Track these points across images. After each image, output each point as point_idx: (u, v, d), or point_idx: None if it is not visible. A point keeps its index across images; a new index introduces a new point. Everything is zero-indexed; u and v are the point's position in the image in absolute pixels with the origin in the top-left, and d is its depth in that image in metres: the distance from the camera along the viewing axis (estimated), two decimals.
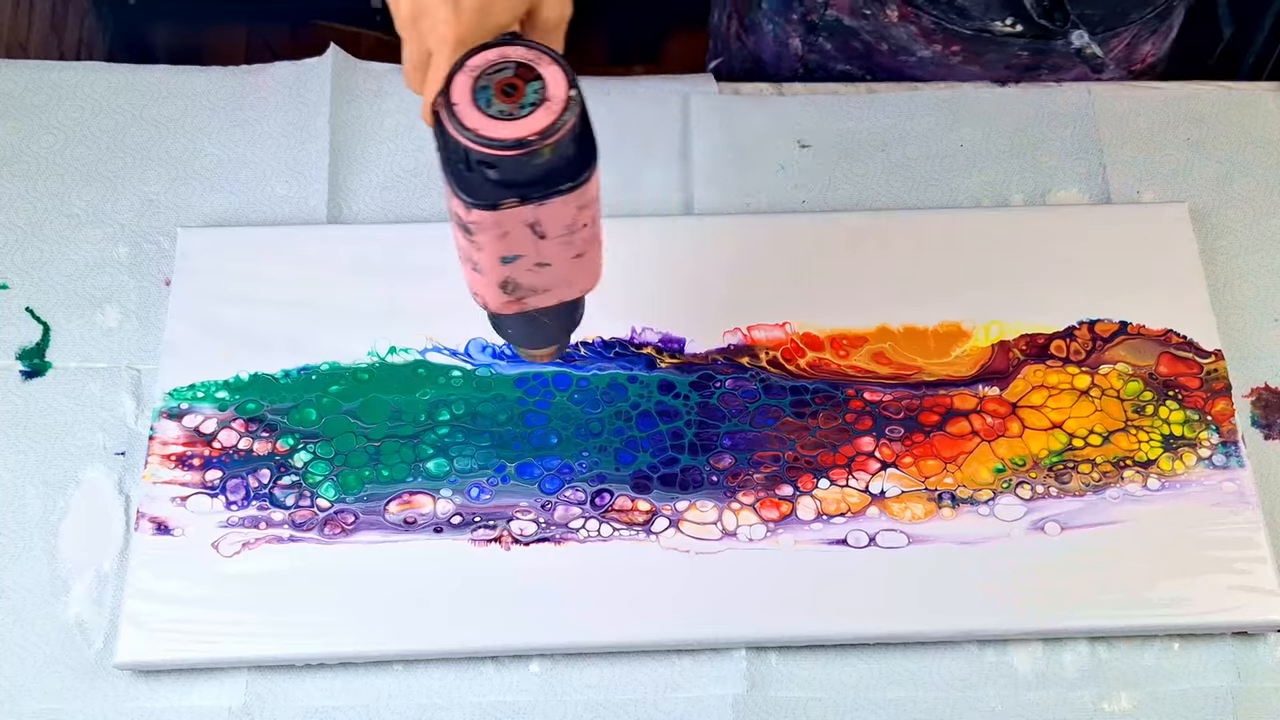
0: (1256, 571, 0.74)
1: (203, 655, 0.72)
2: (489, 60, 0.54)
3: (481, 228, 0.55)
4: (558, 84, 0.53)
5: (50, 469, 0.78)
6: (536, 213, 0.55)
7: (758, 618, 0.73)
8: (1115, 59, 0.91)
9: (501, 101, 0.53)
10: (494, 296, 0.61)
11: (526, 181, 0.54)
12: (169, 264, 0.84)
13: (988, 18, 0.86)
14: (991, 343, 0.81)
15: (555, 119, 0.53)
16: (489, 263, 0.58)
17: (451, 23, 0.55)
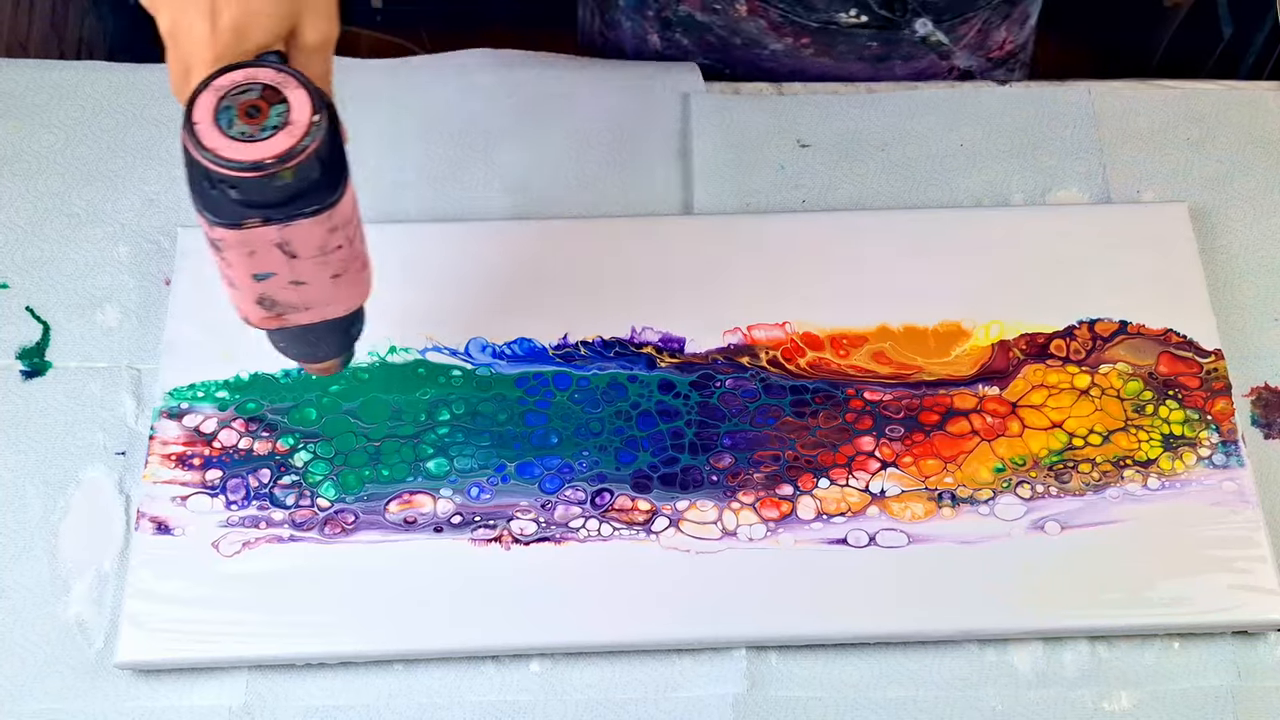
0: (1257, 571, 0.74)
1: (203, 655, 0.72)
2: (235, 81, 0.54)
3: (227, 245, 0.56)
4: (302, 108, 0.53)
5: (50, 469, 0.78)
6: (283, 233, 0.55)
7: (758, 617, 0.73)
8: (968, 46, 0.91)
9: (244, 123, 0.53)
10: (253, 312, 0.61)
11: (269, 203, 0.54)
12: (169, 263, 0.84)
13: (832, 10, 0.87)
14: (991, 342, 0.81)
15: (295, 144, 0.53)
16: (241, 279, 0.58)
17: (208, 41, 0.55)
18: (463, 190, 0.88)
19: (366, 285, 0.63)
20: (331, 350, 0.68)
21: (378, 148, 0.89)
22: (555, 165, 0.89)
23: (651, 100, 0.91)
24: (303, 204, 0.55)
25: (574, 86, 0.92)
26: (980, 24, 0.90)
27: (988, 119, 0.91)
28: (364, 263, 0.62)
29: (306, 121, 0.53)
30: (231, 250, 0.56)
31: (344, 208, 0.56)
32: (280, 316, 0.61)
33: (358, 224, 0.59)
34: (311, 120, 0.53)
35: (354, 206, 0.58)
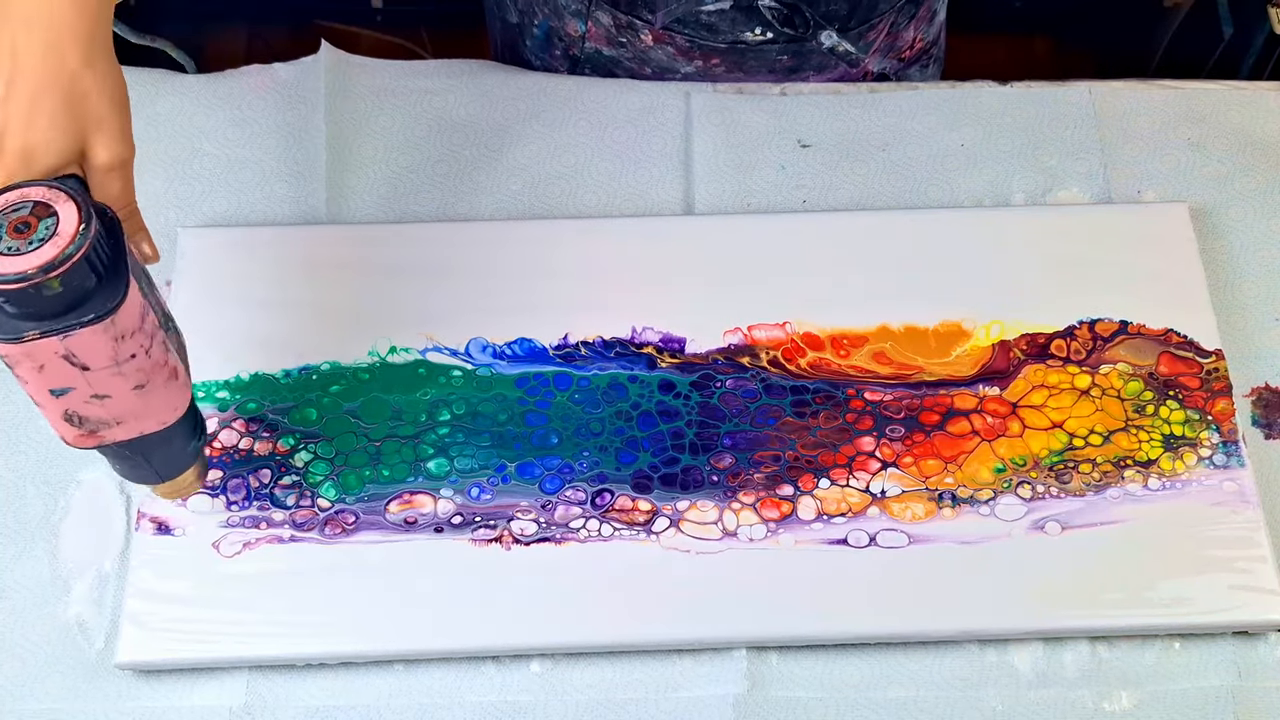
0: (1257, 571, 0.74)
1: (203, 655, 0.72)
2: (9, 200, 0.55)
3: (14, 361, 0.56)
4: (69, 220, 0.54)
5: (51, 469, 0.78)
6: (65, 344, 0.55)
7: (758, 617, 0.73)
8: (879, 50, 0.91)
9: (11, 239, 0.54)
10: (64, 429, 0.61)
11: (44, 314, 0.55)
12: (169, 265, 0.84)
13: (737, 30, 0.87)
14: (992, 342, 0.81)
15: (59, 253, 0.53)
16: (41, 396, 0.58)
17: None
18: (463, 190, 0.88)
19: (180, 396, 0.62)
20: (170, 469, 0.67)
21: (380, 148, 0.89)
22: (556, 165, 0.89)
23: (652, 100, 0.91)
24: (80, 314, 0.55)
25: (575, 88, 0.92)
26: (887, 27, 0.90)
27: (988, 119, 0.91)
28: (172, 372, 0.61)
29: (72, 231, 0.54)
30: (20, 366, 0.56)
31: (127, 315, 0.56)
32: (94, 434, 0.61)
33: (152, 332, 0.59)
34: (78, 229, 0.54)
35: (143, 315, 0.58)
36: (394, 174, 0.88)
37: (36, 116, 0.57)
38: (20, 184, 0.56)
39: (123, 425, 0.61)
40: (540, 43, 0.95)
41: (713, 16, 0.86)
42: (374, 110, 0.90)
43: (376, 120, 0.90)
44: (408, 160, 0.88)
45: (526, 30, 0.95)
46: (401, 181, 0.88)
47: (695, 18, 0.86)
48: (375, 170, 0.88)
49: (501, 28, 0.98)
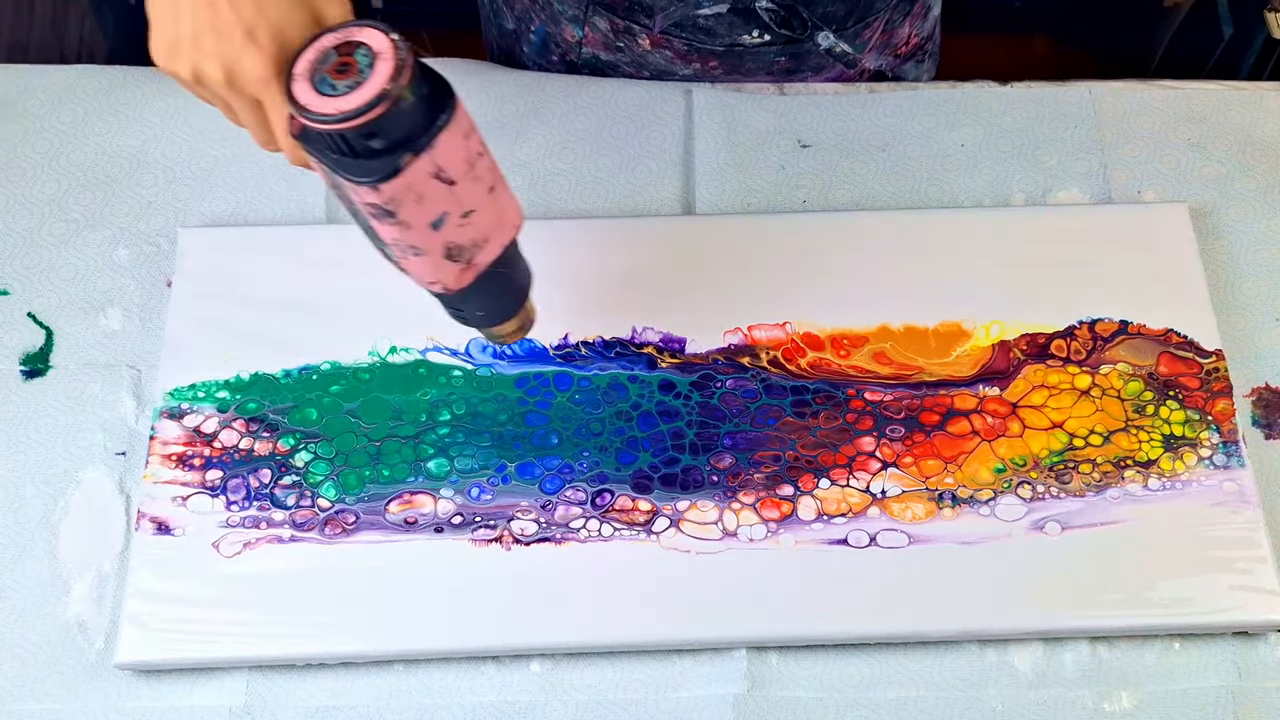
0: (1257, 571, 0.74)
1: (203, 655, 0.72)
2: (311, 61, 0.55)
3: (397, 200, 0.56)
4: (377, 39, 0.55)
5: (51, 469, 0.78)
6: (433, 159, 0.56)
7: (758, 617, 0.73)
8: (875, 48, 0.91)
9: (341, 79, 0.54)
10: (448, 272, 0.62)
11: (408, 133, 0.55)
12: (170, 265, 0.84)
13: (734, 33, 0.87)
14: (992, 342, 0.81)
15: (396, 64, 0.54)
16: (424, 237, 0.59)
17: (261, 64, 0.57)
18: None
19: (514, 198, 0.63)
20: (516, 295, 0.69)
21: None
22: (556, 164, 0.89)
23: (652, 100, 0.91)
24: (433, 117, 0.56)
25: (574, 87, 0.92)
26: (882, 25, 0.90)
27: (988, 119, 0.91)
28: (500, 172, 0.62)
29: (389, 43, 0.55)
30: (404, 205, 0.57)
31: (464, 111, 0.57)
32: (470, 264, 0.62)
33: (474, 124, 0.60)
34: (391, 39, 0.55)
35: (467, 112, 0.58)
36: None
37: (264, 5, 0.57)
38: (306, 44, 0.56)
39: (489, 241, 0.62)
40: (537, 48, 0.95)
41: (710, 20, 0.86)
42: None
43: None
44: None
45: (523, 36, 0.95)
46: None
47: (692, 21, 0.86)
48: None
49: (498, 34, 0.98)
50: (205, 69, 0.58)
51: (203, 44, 0.57)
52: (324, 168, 0.57)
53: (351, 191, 0.57)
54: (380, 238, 0.60)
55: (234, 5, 0.56)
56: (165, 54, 0.59)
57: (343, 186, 0.57)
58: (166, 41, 0.58)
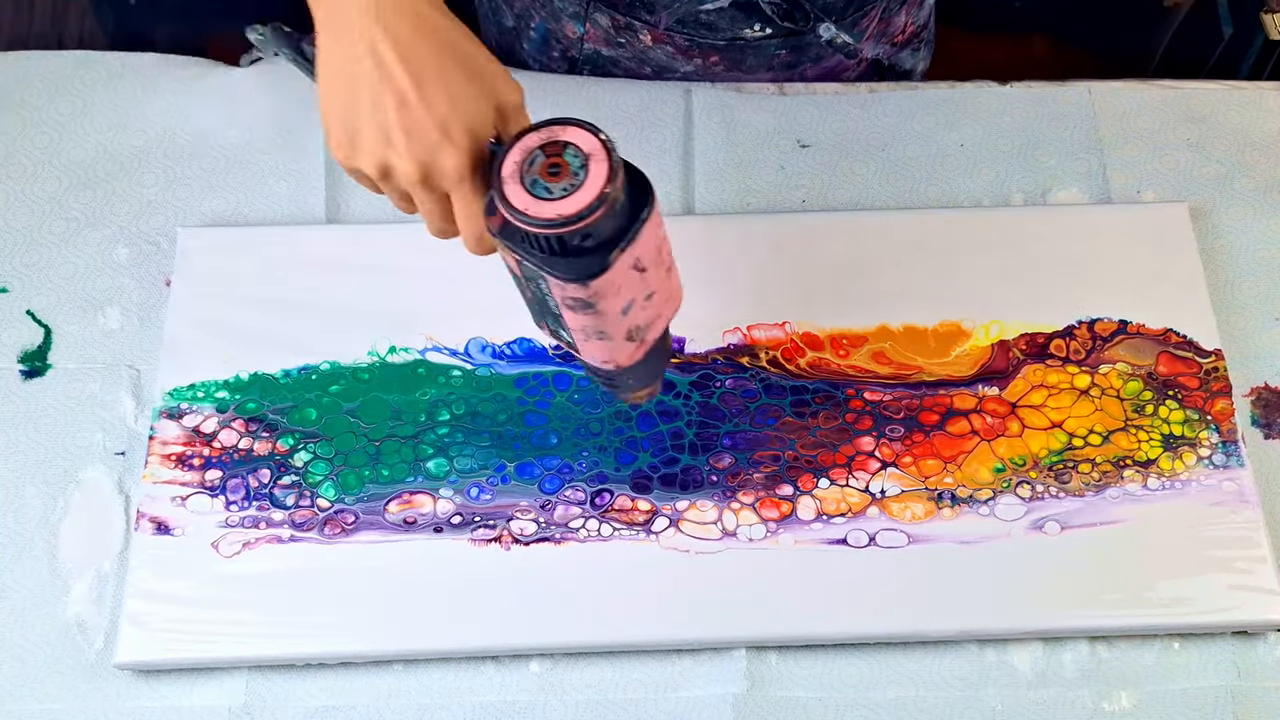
0: (1256, 571, 0.74)
1: (203, 655, 0.72)
2: (517, 163, 0.55)
3: (601, 294, 0.57)
4: (585, 139, 0.55)
5: (50, 469, 0.78)
6: (634, 251, 0.57)
7: (757, 617, 0.73)
8: (871, 37, 0.92)
9: (553, 181, 0.54)
10: (624, 352, 0.63)
11: (616, 230, 0.56)
12: (169, 264, 0.84)
13: (736, 27, 0.87)
14: (991, 342, 0.81)
15: (610, 166, 0.54)
16: (613, 325, 0.60)
17: (458, 161, 0.56)
18: None
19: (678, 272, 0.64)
20: (663, 364, 0.69)
21: None
22: None
23: (651, 100, 0.91)
24: (638, 211, 0.56)
25: (574, 87, 0.91)
26: (879, 14, 0.90)
27: (988, 119, 0.91)
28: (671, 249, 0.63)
29: (599, 142, 0.55)
30: (605, 298, 0.57)
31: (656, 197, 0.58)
32: (643, 342, 0.63)
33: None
34: (601, 140, 0.55)
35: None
36: None
37: (456, 97, 0.56)
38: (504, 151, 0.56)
39: (661, 318, 0.63)
40: (538, 45, 0.95)
41: (712, 15, 0.86)
42: None
43: None
44: None
45: (523, 33, 0.95)
46: None
47: (695, 17, 0.86)
48: None
49: (497, 31, 0.98)
50: (397, 166, 0.57)
51: (394, 141, 0.56)
52: (525, 263, 0.57)
53: (555, 287, 0.57)
54: (566, 325, 0.60)
55: (426, 102, 0.56)
56: (346, 149, 0.58)
57: (544, 281, 0.57)
58: (346, 136, 0.57)
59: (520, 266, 0.58)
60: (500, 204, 0.55)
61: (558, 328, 0.62)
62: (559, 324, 0.62)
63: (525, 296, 0.62)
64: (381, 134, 0.56)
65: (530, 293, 0.61)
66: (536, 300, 0.61)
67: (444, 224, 0.60)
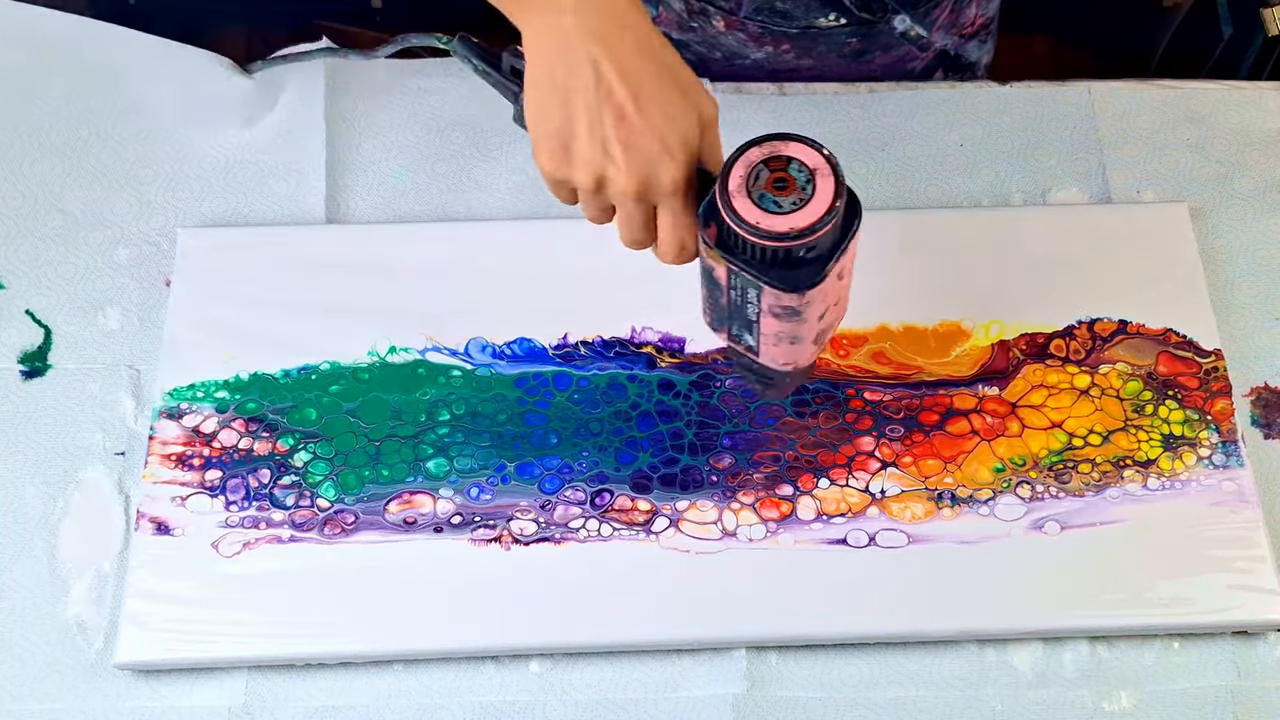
0: (1256, 571, 0.74)
1: (203, 655, 0.72)
2: (741, 177, 0.57)
3: (810, 303, 0.59)
4: (808, 154, 0.57)
5: (50, 469, 0.78)
6: (843, 262, 0.59)
7: (757, 617, 0.73)
8: (943, 27, 0.92)
9: (781, 195, 0.56)
10: (806, 354, 0.64)
11: (834, 241, 0.57)
12: (169, 264, 0.84)
13: (811, 15, 0.87)
14: (991, 342, 0.81)
15: (836, 177, 0.56)
16: (809, 330, 0.61)
17: (676, 175, 0.58)
18: (463, 190, 0.88)
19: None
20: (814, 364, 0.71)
21: (380, 148, 0.89)
22: None
23: None
24: (850, 223, 0.58)
25: None
26: (951, 5, 0.90)
27: (987, 119, 0.91)
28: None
29: (823, 159, 0.56)
30: (812, 306, 0.59)
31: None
32: (821, 344, 0.64)
33: None
34: (825, 154, 0.56)
35: None
36: (393, 174, 0.88)
37: (672, 112, 0.57)
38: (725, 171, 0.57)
39: (838, 321, 0.65)
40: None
41: (788, 3, 0.86)
42: (373, 109, 0.90)
43: (376, 119, 0.90)
44: (407, 160, 0.88)
45: None
46: (401, 181, 0.88)
47: (771, 4, 0.86)
48: (374, 170, 0.88)
49: None
50: (614, 179, 0.58)
51: (612, 154, 0.57)
52: (739, 274, 0.58)
53: (768, 296, 0.58)
54: (760, 330, 0.62)
55: (645, 116, 0.57)
56: (559, 161, 0.59)
57: (754, 290, 0.59)
58: (560, 149, 0.58)
59: (731, 276, 0.59)
60: (728, 217, 0.56)
61: (742, 332, 0.64)
62: (746, 329, 0.63)
63: (717, 303, 0.63)
64: (600, 148, 0.57)
65: (728, 299, 0.62)
66: (733, 307, 0.62)
67: (643, 235, 0.61)
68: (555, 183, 0.61)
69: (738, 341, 0.65)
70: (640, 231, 0.61)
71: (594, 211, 0.62)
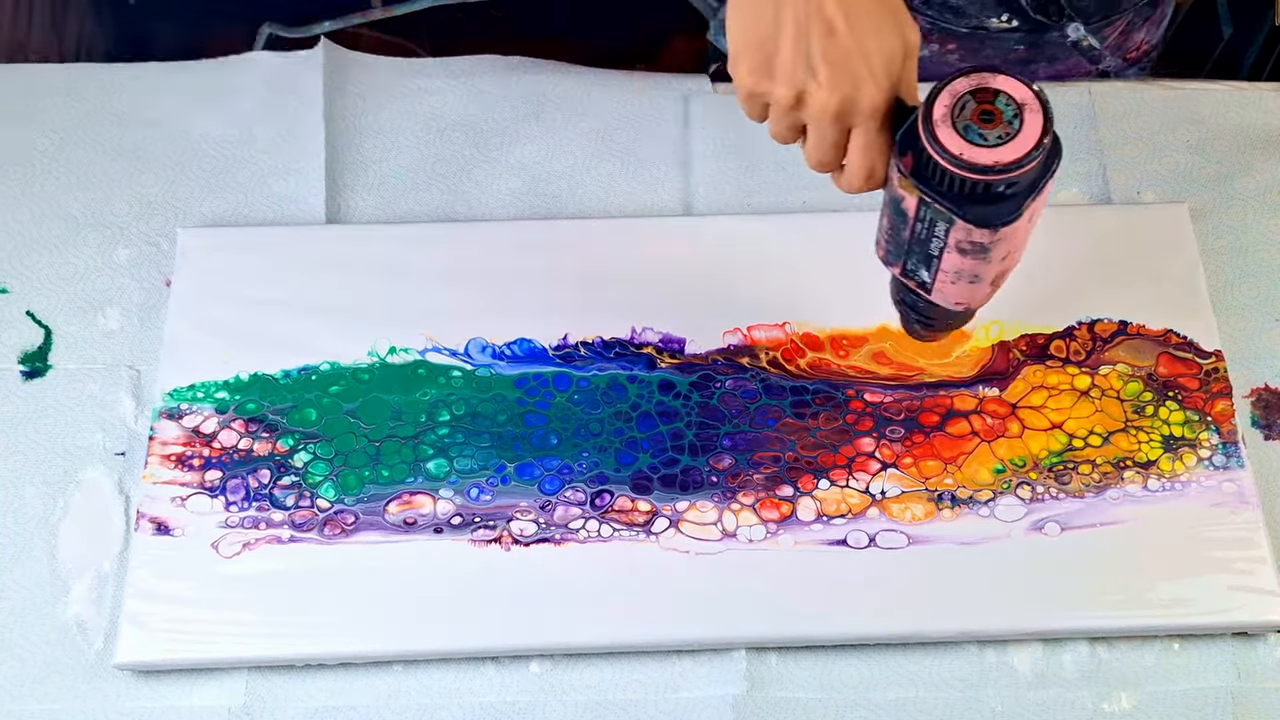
0: (1256, 572, 0.74)
1: (203, 655, 0.72)
2: (946, 106, 0.56)
3: (1001, 240, 0.58)
4: (1017, 88, 0.56)
5: (50, 469, 0.78)
6: (1038, 203, 0.58)
7: (757, 618, 0.73)
8: (1110, 48, 0.91)
9: (987, 128, 0.55)
10: (981, 295, 0.64)
11: (1033, 180, 0.57)
12: (169, 265, 0.84)
13: (983, 15, 0.86)
14: (991, 343, 0.81)
15: (1045, 116, 0.55)
16: (991, 270, 0.61)
17: (878, 97, 0.57)
18: (463, 190, 0.88)
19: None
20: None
21: (380, 148, 0.89)
22: (556, 166, 0.89)
23: (652, 100, 0.91)
24: (1050, 163, 0.57)
25: (575, 88, 0.92)
26: (1124, 26, 0.90)
27: None
28: None
29: (1032, 94, 0.55)
30: (1000, 244, 0.58)
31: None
32: (996, 287, 0.64)
33: None
34: (1034, 90, 0.55)
35: None
36: (393, 174, 0.88)
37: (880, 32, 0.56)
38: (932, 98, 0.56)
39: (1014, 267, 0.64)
40: None
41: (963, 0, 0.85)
42: (373, 109, 0.90)
43: (376, 119, 0.90)
44: (407, 160, 0.88)
45: None
46: (401, 181, 0.88)
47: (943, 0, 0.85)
48: (374, 170, 0.88)
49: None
50: (815, 96, 0.57)
51: (816, 71, 0.56)
52: (931, 205, 0.57)
53: (959, 230, 0.57)
54: (940, 266, 0.61)
55: (854, 34, 0.56)
56: (759, 73, 0.57)
57: (944, 223, 0.58)
58: (762, 61, 0.57)
59: (921, 208, 0.58)
60: (930, 146, 0.55)
61: (918, 267, 0.63)
62: (925, 264, 0.62)
63: (898, 235, 0.62)
64: (805, 63, 0.56)
65: (912, 232, 0.61)
66: (915, 240, 0.61)
67: (832, 156, 0.60)
68: (751, 96, 0.59)
69: (911, 277, 0.65)
70: (830, 153, 0.60)
71: (782, 129, 0.61)
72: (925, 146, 0.56)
